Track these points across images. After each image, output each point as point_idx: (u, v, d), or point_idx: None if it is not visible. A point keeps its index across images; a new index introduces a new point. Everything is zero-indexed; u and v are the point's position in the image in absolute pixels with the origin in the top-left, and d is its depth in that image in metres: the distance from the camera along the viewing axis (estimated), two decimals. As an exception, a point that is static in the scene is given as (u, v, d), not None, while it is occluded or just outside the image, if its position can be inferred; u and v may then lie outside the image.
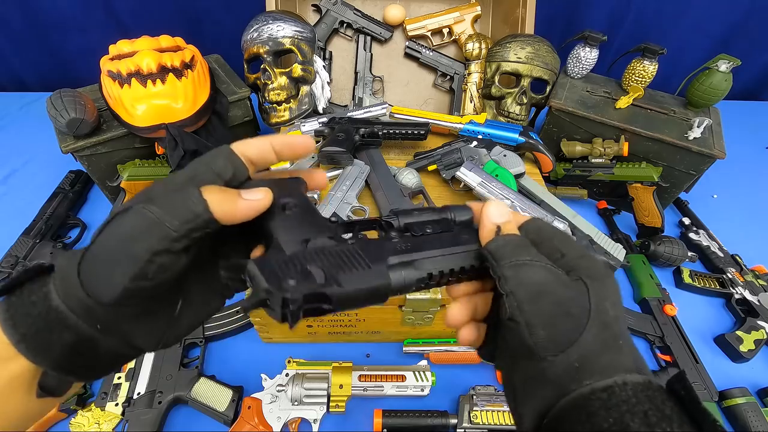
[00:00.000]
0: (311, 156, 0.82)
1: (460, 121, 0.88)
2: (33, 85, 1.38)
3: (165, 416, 0.65)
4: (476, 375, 0.71)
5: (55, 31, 1.23)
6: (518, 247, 0.26)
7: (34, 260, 0.82)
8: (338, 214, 0.66)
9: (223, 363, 0.73)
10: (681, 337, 0.75)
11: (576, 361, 0.23)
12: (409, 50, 1.06)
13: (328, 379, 0.65)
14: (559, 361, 0.23)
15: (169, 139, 0.77)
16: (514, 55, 0.91)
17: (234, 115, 0.93)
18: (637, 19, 1.25)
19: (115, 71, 0.74)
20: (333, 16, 1.03)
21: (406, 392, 0.66)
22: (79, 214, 0.97)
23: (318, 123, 0.86)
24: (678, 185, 0.92)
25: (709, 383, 0.69)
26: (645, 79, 0.92)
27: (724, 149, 0.83)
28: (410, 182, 0.76)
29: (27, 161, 1.12)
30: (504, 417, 0.62)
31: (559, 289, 0.25)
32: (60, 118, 0.73)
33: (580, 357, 0.23)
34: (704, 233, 0.94)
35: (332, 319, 0.67)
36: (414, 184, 0.77)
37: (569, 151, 0.94)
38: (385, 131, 0.82)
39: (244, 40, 0.89)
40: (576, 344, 0.23)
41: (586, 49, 0.94)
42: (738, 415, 0.66)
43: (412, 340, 0.71)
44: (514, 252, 0.26)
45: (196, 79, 0.80)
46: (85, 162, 0.82)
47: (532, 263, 0.25)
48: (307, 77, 0.91)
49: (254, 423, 0.62)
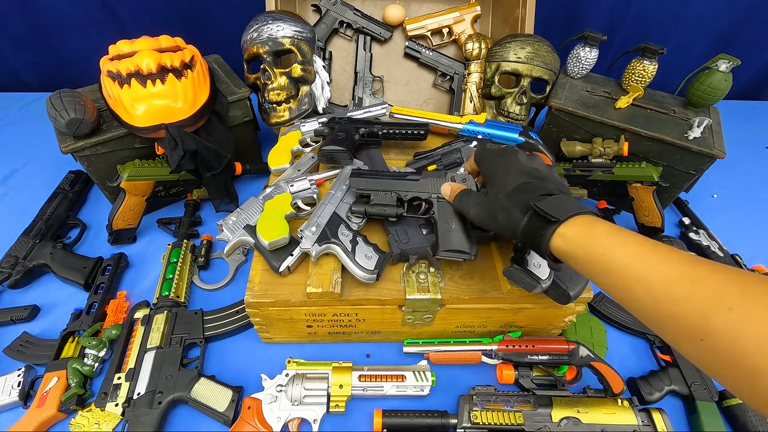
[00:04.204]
0: (311, 156, 0.82)
1: (460, 121, 0.88)
2: (33, 85, 1.38)
3: (165, 416, 0.65)
4: (476, 375, 0.71)
5: (55, 31, 1.24)
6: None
7: (34, 260, 0.82)
8: (338, 213, 0.66)
9: (223, 363, 0.73)
10: (681, 337, 0.75)
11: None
12: (409, 50, 1.06)
13: (328, 379, 0.65)
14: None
15: (169, 139, 0.77)
16: (514, 55, 0.90)
17: (234, 115, 0.93)
18: (637, 19, 1.25)
19: (115, 71, 0.74)
20: (333, 16, 1.03)
21: (406, 392, 0.66)
22: (79, 214, 0.97)
23: (318, 123, 0.86)
24: (678, 185, 0.92)
25: (709, 383, 0.69)
26: (645, 79, 0.92)
27: (724, 149, 0.83)
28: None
29: (27, 161, 1.12)
30: (504, 417, 0.63)
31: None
32: (60, 119, 0.73)
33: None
34: (704, 233, 0.94)
35: (332, 319, 0.67)
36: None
37: (569, 151, 0.94)
38: (385, 131, 0.82)
39: (244, 40, 0.89)
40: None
41: (586, 49, 0.94)
42: (738, 415, 0.66)
43: (412, 340, 0.71)
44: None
45: (196, 79, 0.80)
46: (84, 162, 0.82)
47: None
48: (307, 77, 0.91)
49: (254, 423, 0.62)
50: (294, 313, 0.65)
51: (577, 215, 0.41)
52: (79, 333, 0.73)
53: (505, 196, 0.48)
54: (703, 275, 0.30)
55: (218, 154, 0.83)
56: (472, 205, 0.54)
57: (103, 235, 0.89)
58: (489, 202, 0.51)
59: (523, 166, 0.50)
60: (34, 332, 0.74)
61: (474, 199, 0.54)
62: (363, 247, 0.62)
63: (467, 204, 0.55)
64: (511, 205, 0.46)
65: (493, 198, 0.50)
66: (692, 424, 0.67)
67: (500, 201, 0.48)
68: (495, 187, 0.50)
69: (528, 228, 0.44)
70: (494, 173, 0.52)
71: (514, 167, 0.50)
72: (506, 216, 0.47)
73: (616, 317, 0.78)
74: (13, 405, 0.66)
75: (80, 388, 0.66)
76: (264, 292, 0.63)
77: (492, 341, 0.69)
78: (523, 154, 0.53)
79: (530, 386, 0.67)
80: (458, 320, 0.69)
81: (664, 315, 0.32)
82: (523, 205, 0.45)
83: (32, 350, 0.71)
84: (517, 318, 0.69)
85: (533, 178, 0.48)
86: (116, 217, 0.84)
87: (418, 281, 0.64)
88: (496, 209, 0.49)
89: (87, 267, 0.81)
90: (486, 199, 0.52)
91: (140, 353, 0.69)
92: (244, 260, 0.87)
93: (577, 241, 0.40)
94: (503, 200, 0.48)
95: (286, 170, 0.79)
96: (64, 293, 0.82)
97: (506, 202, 0.47)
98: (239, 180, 1.00)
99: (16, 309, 0.77)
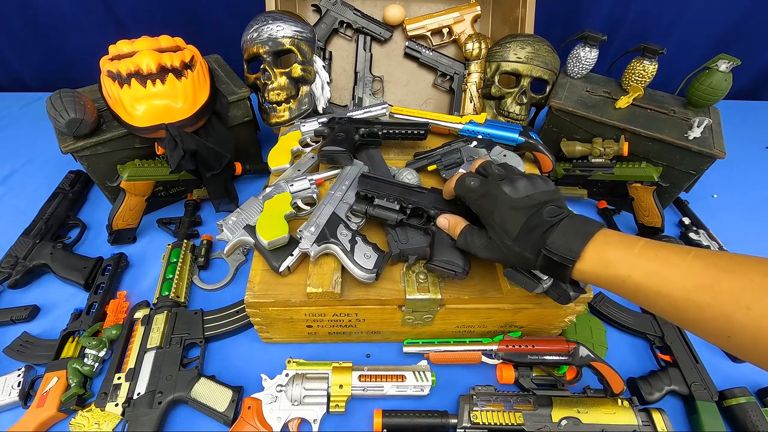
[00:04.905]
0: (311, 156, 0.82)
1: (460, 121, 0.88)
2: (33, 85, 1.38)
3: (165, 416, 0.65)
4: (476, 375, 0.71)
5: (55, 31, 1.24)
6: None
7: (34, 260, 0.82)
8: (337, 213, 0.66)
9: (223, 363, 0.73)
10: (681, 337, 0.75)
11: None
12: (409, 50, 1.06)
13: (328, 379, 0.65)
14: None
15: (169, 139, 0.77)
16: (514, 55, 0.90)
17: (234, 115, 0.93)
18: (637, 19, 1.25)
19: (115, 71, 0.74)
20: (333, 16, 1.03)
21: (406, 392, 0.66)
22: (79, 215, 0.98)
23: (318, 123, 0.86)
24: (678, 185, 0.92)
25: (709, 383, 0.69)
26: (645, 79, 0.92)
27: (724, 149, 0.83)
28: (410, 182, 0.76)
29: (27, 161, 1.12)
30: (504, 417, 0.63)
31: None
32: (60, 119, 0.73)
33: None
34: (704, 233, 0.94)
35: (332, 319, 0.67)
36: (414, 184, 0.76)
37: (569, 151, 0.94)
38: (385, 131, 0.82)
39: (244, 40, 0.89)
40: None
41: (586, 49, 0.94)
42: (738, 415, 0.66)
43: (412, 340, 0.71)
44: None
45: (196, 79, 0.80)
46: (84, 162, 0.82)
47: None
48: (307, 77, 0.91)
49: (254, 423, 0.62)
50: (294, 313, 0.65)
51: (588, 245, 0.42)
52: (79, 333, 0.73)
53: (512, 243, 0.48)
54: (718, 279, 0.35)
55: (218, 154, 0.83)
56: (481, 248, 0.53)
57: (103, 235, 0.89)
58: (497, 246, 0.50)
59: (513, 202, 0.48)
60: (34, 332, 0.74)
61: (481, 242, 0.53)
62: (362, 247, 0.62)
63: (474, 247, 0.54)
64: (522, 250, 0.47)
65: (500, 244, 0.50)
66: (692, 424, 0.67)
67: (509, 248, 0.49)
68: (497, 233, 0.50)
69: (544, 266, 0.46)
70: (488, 218, 0.51)
71: (505, 208, 0.48)
72: (520, 259, 0.48)
73: (616, 317, 0.78)
74: (13, 405, 0.66)
75: (80, 388, 0.66)
76: (264, 292, 0.63)
77: (492, 341, 0.69)
78: (504, 182, 0.50)
79: (530, 386, 0.67)
80: (458, 320, 0.69)
81: (691, 321, 0.36)
82: (533, 248, 0.46)
83: (32, 350, 0.71)
84: (517, 318, 0.69)
85: (529, 209, 0.47)
86: (116, 217, 0.84)
87: (418, 281, 0.64)
88: (507, 253, 0.49)
89: (87, 267, 0.81)
90: (493, 243, 0.51)
91: (140, 353, 0.69)
92: (244, 260, 0.87)
93: (594, 273, 0.42)
94: (512, 247, 0.48)
95: (286, 170, 0.79)
96: (64, 293, 0.82)
97: (515, 248, 0.48)
98: (239, 180, 1.00)
99: (16, 309, 0.77)
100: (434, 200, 0.66)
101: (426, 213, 0.65)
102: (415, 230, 0.67)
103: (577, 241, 0.42)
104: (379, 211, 0.65)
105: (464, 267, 0.59)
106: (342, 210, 0.67)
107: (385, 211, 0.65)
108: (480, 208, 0.53)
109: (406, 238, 0.65)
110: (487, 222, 0.52)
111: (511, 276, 0.57)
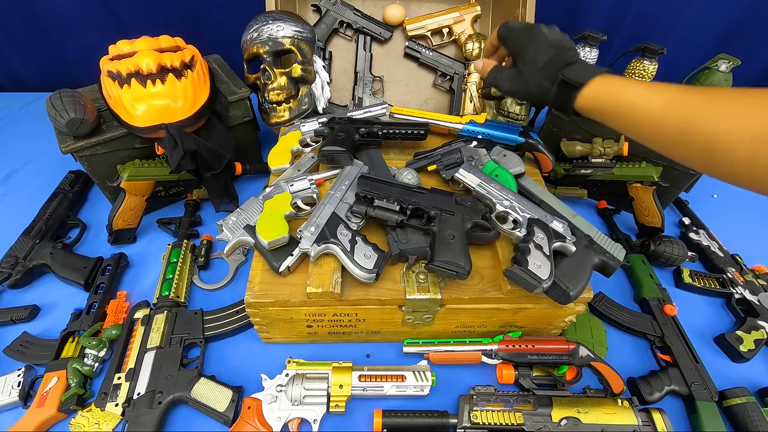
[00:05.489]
0: (311, 156, 0.82)
1: (460, 121, 0.88)
2: (33, 85, 1.38)
3: (165, 416, 0.65)
4: (476, 375, 0.71)
5: (54, 31, 1.24)
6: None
7: (34, 260, 0.82)
8: (337, 213, 0.66)
9: (223, 363, 0.73)
10: (681, 337, 0.75)
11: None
12: (409, 50, 1.06)
13: (328, 379, 0.65)
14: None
15: (169, 140, 0.77)
16: (514, 54, 0.90)
17: (234, 115, 0.93)
18: (637, 19, 1.25)
19: (115, 71, 0.74)
20: (333, 16, 1.03)
21: (406, 392, 0.66)
22: (79, 215, 0.98)
23: (318, 123, 0.86)
24: (678, 185, 0.92)
25: (709, 383, 0.69)
26: (645, 79, 0.92)
27: (724, 149, 0.83)
28: (410, 182, 0.76)
29: (27, 161, 1.12)
30: (504, 417, 0.63)
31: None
32: (60, 119, 0.73)
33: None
34: (704, 233, 0.94)
35: (332, 319, 0.67)
36: (414, 184, 0.76)
37: (569, 151, 0.94)
38: (385, 131, 0.82)
39: (244, 40, 0.89)
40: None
41: (586, 49, 0.94)
42: (738, 415, 0.66)
43: (412, 340, 0.71)
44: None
45: (196, 79, 0.80)
46: (84, 162, 0.82)
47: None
48: (307, 77, 0.91)
49: (254, 423, 0.62)
50: (294, 313, 0.65)
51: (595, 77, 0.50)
52: (79, 333, 0.73)
53: (537, 72, 0.56)
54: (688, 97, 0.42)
55: (218, 154, 0.83)
56: (506, 79, 0.62)
57: (103, 235, 0.89)
58: (521, 76, 0.59)
59: (549, 40, 0.57)
60: (34, 332, 0.74)
61: (507, 74, 0.62)
62: (362, 247, 0.62)
63: (501, 78, 0.63)
64: (543, 79, 0.56)
65: (526, 73, 0.58)
66: (692, 424, 0.67)
67: (533, 76, 0.57)
68: (527, 63, 0.58)
69: (557, 94, 0.54)
70: (521, 51, 0.59)
71: (542, 43, 0.57)
72: (539, 87, 0.56)
73: (616, 317, 0.78)
74: (13, 405, 0.66)
75: (80, 388, 0.66)
76: (264, 292, 0.63)
77: (492, 341, 0.70)
78: (545, 27, 0.59)
79: (530, 386, 0.67)
80: (458, 320, 0.69)
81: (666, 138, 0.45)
82: (551, 78, 0.54)
83: (32, 350, 0.71)
84: (517, 318, 0.69)
85: (558, 49, 0.56)
86: (116, 217, 0.84)
87: (418, 281, 0.64)
88: (528, 82, 0.58)
89: (87, 267, 0.81)
90: (519, 74, 0.59)
91: (140, 353, 0.69)
92: (244, 260, 0.87)
93: (595, 97, 0.50)
94: (536, 75, 0.56)
95: (286, 170, 0.79)
96: (64, 293, 0.82)
97: (538, 75, 0.56)
98: (239, 180, 1.00)
99: (16, 309, 0.77)
100: (434, 200, 0.66)
101: (426, 213, 0.66)
102: (415, 230, 0.67)
103: (589, 72, 0.51)
104: (379, 212, 0.65)
105: (466, 267, 0.59)
106: (342, 210, 0.67)
107: (385, 211, 0.65)
108: (516, 43, 0.61)
109: (406, 239, 0.65)
110: (519, 54, 0.60)
111: (512, 276, 0.57)
